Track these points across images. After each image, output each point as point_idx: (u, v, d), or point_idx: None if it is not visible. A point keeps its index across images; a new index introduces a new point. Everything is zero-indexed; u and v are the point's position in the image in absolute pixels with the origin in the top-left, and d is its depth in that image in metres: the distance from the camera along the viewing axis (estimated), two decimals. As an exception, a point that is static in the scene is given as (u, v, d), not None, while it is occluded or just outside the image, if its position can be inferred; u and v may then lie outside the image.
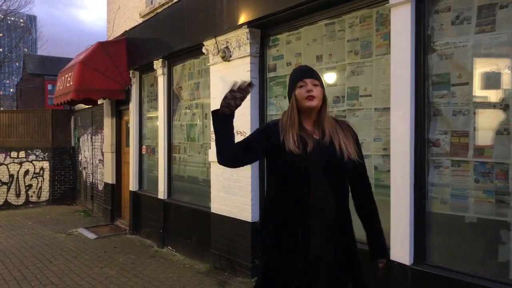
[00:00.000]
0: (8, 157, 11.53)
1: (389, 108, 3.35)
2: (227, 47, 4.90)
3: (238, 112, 2.00)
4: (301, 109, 2.08)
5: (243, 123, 4.56)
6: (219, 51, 4.96)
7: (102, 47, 7.07)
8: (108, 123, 8.43)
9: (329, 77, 4.00)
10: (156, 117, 6.67)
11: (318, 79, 2.12)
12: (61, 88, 7.58)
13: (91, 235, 7.39)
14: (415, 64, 3.11)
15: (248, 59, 4.67)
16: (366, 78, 3.68)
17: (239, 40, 4.74)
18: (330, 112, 2.25)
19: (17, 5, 28.79)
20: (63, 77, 7.58)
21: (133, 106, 7.38)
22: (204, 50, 5.33)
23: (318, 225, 2.00)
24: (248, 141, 2.12)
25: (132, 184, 7.43)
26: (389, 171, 3.39)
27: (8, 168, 11.53)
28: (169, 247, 6.30)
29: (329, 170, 2.02)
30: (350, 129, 2.18)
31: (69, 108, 12.03)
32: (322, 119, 2.10)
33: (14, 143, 11.65)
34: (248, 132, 4.42)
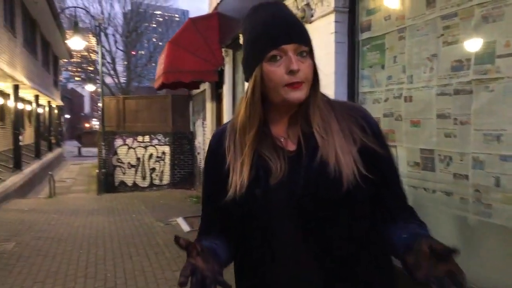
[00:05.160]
0: (136, 141, 12.09)
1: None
2: (307, 4, 3.68)
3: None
4: (271, 100, 1.03)
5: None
6: (298, 10, 3.78)
7: (193, 24, 6.42)
8: (209, 108, 7.90)
9: (446, 32, 2.52)
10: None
11: (306, 39, 1.03)
12: (158, 71, 7.23)
13: (186, 227, 6.96)
14: None
15: (332, 17, 3.39)
16: (509, 26, 2.14)
17: (322, -8, 3.48)
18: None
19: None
20: (160, 59, 7.21)
21: (226, 88, 6.62)
22: (284, 13, 4.19)
23: None
24: (205, 215, 1.18)
25: (227, 174, 6.73)
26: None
27: (135, 151, 12.10)
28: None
29: (315, 213, 0.99)
30: (355, 114, 1.07)
31: (187, 93, 12.07)
32: (307, 112, 1.04)
33: (139, 128, 12.18)
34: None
